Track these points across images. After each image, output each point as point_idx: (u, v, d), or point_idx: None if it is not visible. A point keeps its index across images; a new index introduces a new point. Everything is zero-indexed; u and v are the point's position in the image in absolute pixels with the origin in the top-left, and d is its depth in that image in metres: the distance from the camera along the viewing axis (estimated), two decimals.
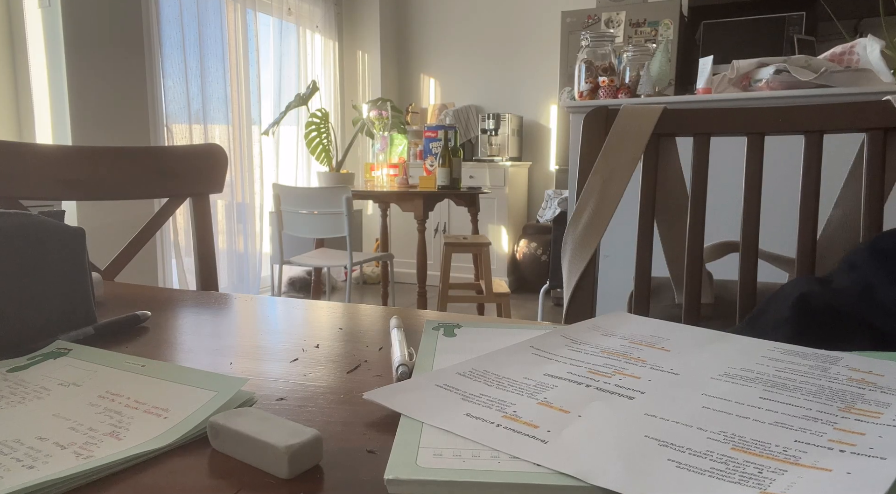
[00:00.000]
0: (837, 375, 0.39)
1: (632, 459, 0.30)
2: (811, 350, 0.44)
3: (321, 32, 4.66)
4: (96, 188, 1.09)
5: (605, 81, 2.93)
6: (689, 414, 0.34)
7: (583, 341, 0.47)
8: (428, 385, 0.39)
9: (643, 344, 0.46)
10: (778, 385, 0.38)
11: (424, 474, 0.29)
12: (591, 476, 0.28)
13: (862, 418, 0.33)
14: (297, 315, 0.67)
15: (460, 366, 0.42)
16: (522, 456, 0.30)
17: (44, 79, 2.77)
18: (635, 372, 0.41)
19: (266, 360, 0.51)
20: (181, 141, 3.42)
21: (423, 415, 0.35)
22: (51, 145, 1.05)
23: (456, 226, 4.63)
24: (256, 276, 4.07)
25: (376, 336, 0.55)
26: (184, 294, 0.76)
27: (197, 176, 1.16)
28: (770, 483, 0.27)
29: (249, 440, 0.32)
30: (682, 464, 0.29)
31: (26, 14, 2.78)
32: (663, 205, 0.89)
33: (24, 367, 0.45)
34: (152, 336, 0.57)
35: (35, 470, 0.31)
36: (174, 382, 0.41)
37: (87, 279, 0.56)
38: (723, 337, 0.49)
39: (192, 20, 3.47)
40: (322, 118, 3.73)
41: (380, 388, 0.39)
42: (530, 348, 0.46)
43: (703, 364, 0.42)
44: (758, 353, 0.44)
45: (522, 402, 0.36)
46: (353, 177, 3.83)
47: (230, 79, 3.75)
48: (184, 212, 0.97)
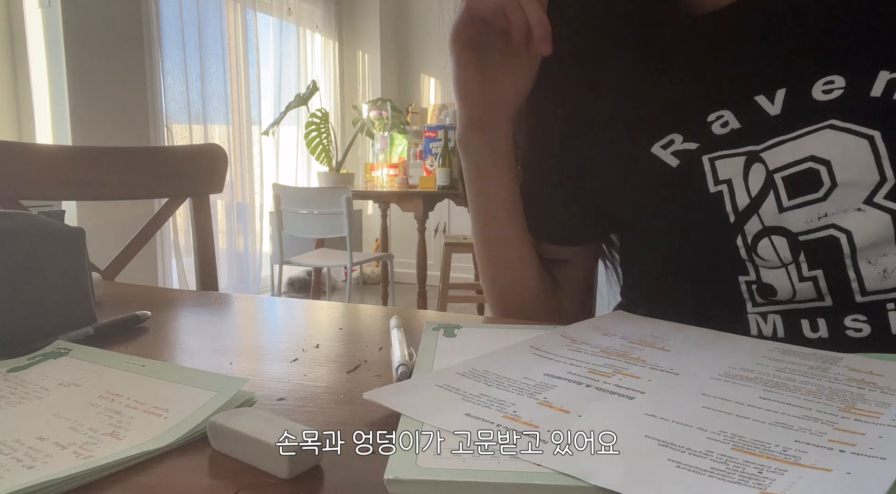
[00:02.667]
0: (837, 375, 0.39)
1: (632, 459, 0.29)
2: (811, 350, 0.44)
3: (321, 32, 4.66)
4: (96, 188, 1.09)
5: None
6: (690, 414, 0.34)
7: (583, 341, 0.47)
8: (428, 385, 0.39)
9: (643, 343, 0.46)
10: (778, 385, 0.38)
11: (424, 474, 0.29)
12: (591, 477, 0.28)
13: (862, 418, 0.33)
14: (297, 315, 0.67)
15: (460, 366, 0.42)
16: (522, 457, 0.30)
17: (44, 79, 2.77)
18: (635, 372, 0.41)
19: (266, 360, 0.51)
20: (181, 141, 3.42)
21: (422, 415, 0.35)
22: (51, 145, 1.05)
23: (456, 226, 4.63)
24: (256, 276, 4.07)
25: (376, 336, 0.55)
26: (184, 294, 0.76)
27: (197, 176, 1.16)
28: (770, 483, 0.27)
29: (249, 440, 0.32)
30: (682, 464, 0.29)
31: (26, 14, 2.78)
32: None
33: (24, 367, 0.45)
34: (152, 336, 0.57)
35: (35, 470, 0.31)
36: (174, 382, 0.41)
37: (87, 279, 0.56)
38: (723, 337, 0.49)
39: (192, 20, 3.47)
40: (322, 118, 3.73)
41: (379, 388, 0.39)
42: (530, 348, 0.46)
43: (703, 364, 0.42)
44: (758, 353, 0.44)
45: (522, 402, 0.36)
46: (353, 177, 3.83)
47: (230, 79, 3.75)
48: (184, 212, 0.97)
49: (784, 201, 0.52)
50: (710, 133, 0.56)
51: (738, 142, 0.54)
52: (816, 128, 0.51)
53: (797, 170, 0.51)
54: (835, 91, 0.51)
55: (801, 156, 0.51)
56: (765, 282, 0.54)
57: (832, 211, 0.51)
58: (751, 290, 0.55)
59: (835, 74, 0.51)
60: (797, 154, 0.52)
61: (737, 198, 0.54)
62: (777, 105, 0.53)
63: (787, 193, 0.52)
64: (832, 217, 0.51)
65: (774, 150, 0.53)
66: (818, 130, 0.51)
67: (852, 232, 0.50)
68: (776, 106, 0.53)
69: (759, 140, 0.53)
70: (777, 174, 0.52)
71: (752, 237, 0.54)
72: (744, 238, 0.54)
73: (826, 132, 0.51)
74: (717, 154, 0.55)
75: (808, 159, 0.51)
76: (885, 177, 0.49)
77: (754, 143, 0.54)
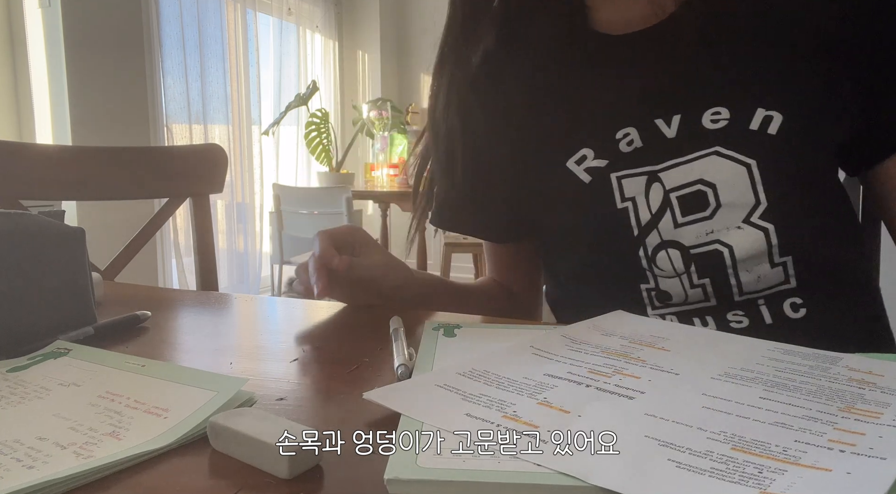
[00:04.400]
0: (837, 375, 0.39)
1: (632, 459, 0.29)
2: (811, 350, 0.44)
3: (321, 32, 4.66)
4: (96, 188, 1.09)
5: None
6: (690, 414, 0.34)
7: (583, 341, 0.47)
8: (428, 385, 0.39)
9: (643, 343, 0.46)
10: (778, 385, 0.38)
11: (424, 474, 0.29)
12: (592, 476, 0.28)
13: (862, 418, 0.33)
14: (297, 315, 0.67)
15: (460, 366, 0.42)
16: (523, 457, 0.30)
17: (44, 79, 2.77)
18: (635, 372, 0.41)
19: (266, 360, 0.51)
20: (181, 141, 3.42)
21: (423, 415, 0.35)
22: (51, 145, 1.05)
23: None
24: (256, 276, 4.06)
25: (376, 336, 0.55)
26: (184, 294, 0.76)
27: (197, 176, 1.16)
28: (770, 483, 0.27)
29: (249, 440, 0.32)
30: (682, 464, 0.29)
31: (26, 14, 2.78)
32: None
33: (24, 367, 0.45)
34: (152, 336, 0.57)
35: (35, 470, 0.31)
36: (174, 382, 0.41)
37: (87, 279, 0.56)
38: (723, 337, 0.49)
39: (192, 20, 3.47)
40: (322, 118, 3.73)
41: (379, 388, 0.39)
42: (530, 348, 0.46)
43: (703, 364, 0.42)
44: (758, 353, 0.44)
45: (522, 402, 0.36)
46: (353, 177, 3.83)
47: (230, 79, 3.75)
48: (184, 212, 0.97)
49: (678, 218, 0.59)
50: (618, 150, 0.62)
51: (641, 161, 0.61)
52: (704, 153, 0.58)
53: (689, 191, 0.59)
54: (721, 121, 0.58)
55: (693, 178, 0.59)
56: (662, 290, 0.61)
57: (717, 228, 0.58)
58: (650, 296, 0.62)
59: (721, 106, 0.59)
60: (689, 176, 0.59)
61: (640, 214, 0.61)
62: (673, 129, 0.60)
63: (681, 211, 0.59)
64: (717, 233, 0.58)
65: (671, 171, 0.60)
66: (706, 156, 0.58)
67: (733, 246, 0.57)
68: (672, 130, 0.60)
69: (658, 160, 0.60)
70: (672, 194, 0.59)
71: (652, 249, 0.60)
72: (645, 250, 0.61)
73: (712, 158, 0.58)
74: (624, 173, 0.61)
75: (697, 181, 0.58)
76: (759, 200, 0.57)
77: (653, 163, 0.60)
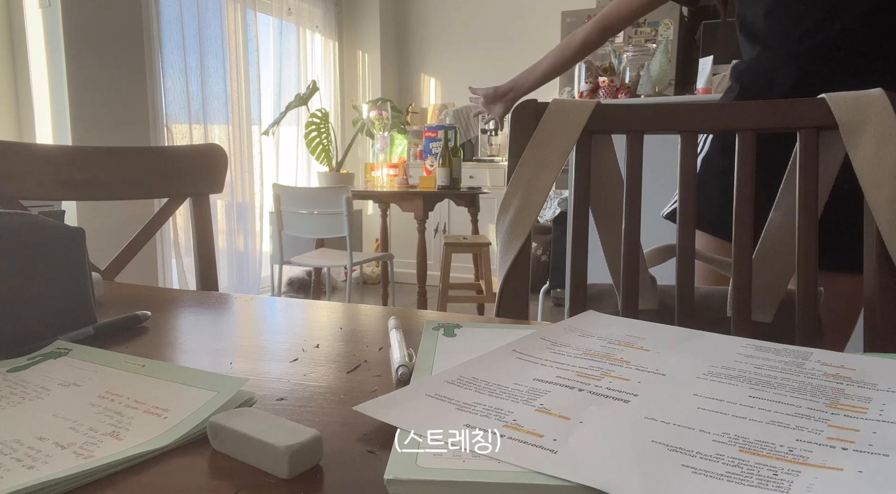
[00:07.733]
0: (813, 371, 0.40)
1: (647, 466, 0.29)
2: (782, 346, 0.45)
3: (321, 32, 4.66)
4: (96, 188, 1.09)
5: (604, 81, 2.93)
6: (687, 417, 0.34)
7: (562, 343, 0.47)
8: (418, 395, 0.38)
9: (622, 344, 0.46)
10: (762, 383, 0.38)
11: (424, 474, 0.29)
12: (611, 487, 0.27)
13: (850, 414, 0.34)
14: (297, 315, 0.67)
15: (447, 374, 0.41)
16: (534, 468, 0.29)
17: (44, 79, 2.77)
18: (622, 373, 0.41)
19: (266, 360, 0.51)
20: (181, 141, 3.42)
21: (421, 428, 0.34)
22: (51, 145, 1.05)
23: (456, 226, 4.63)
24: (256, 276, 4.06)
25: (376, 336, 0.55)
26: (184, 294, 0.76)
27: (197, 176, 1.16)
28: (789, 485, 0.27)
29: (249, 440, 0.32)
30: (697, 470, 0.29)
31: (26, 14, 2.78)
32: (602, 208, 0.87)
33: (24, 367, 0.45)
34: (152, 336, 0.57)
35: (35, 470, 0.31)
36: (174, 382, 0.41)
37: (87, 279, 0.56)
38: (696, 334, 0.49)
39: (192, 20, 3.47)
40: (322, 118, 3.72)
41: (369, 401, 0.37)
42: (513, 352, 0.45)
43: (685, 363, 0.42)
44: (733, 350, 0.44)
45: (520, 410, 0.36)
46: (353, 177, 3.83)
47: (230, 79, 3.75)
48: (184, 212, 0.97)
49: None
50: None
51: None
52: None
53: None
54: None
55: None
56: None
57: None
58: None
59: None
60: None
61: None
62: None
63: None
64: None
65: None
66: None
67: None
68: None
69: None
70: None
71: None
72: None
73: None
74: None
75: None
76: None
77: None
